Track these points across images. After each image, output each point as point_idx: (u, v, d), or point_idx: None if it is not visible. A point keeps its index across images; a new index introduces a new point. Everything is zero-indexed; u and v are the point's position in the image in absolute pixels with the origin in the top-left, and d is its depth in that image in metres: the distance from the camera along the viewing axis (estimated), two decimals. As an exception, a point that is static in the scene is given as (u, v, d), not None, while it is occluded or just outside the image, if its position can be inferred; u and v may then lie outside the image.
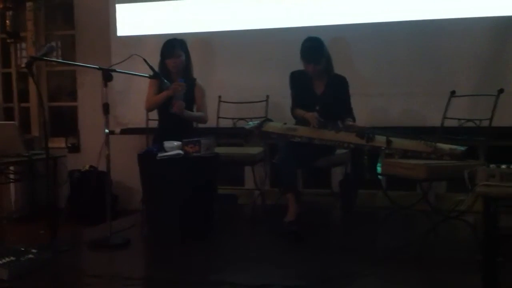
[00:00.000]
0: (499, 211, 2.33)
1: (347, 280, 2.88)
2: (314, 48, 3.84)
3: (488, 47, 4.27)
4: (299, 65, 3.95)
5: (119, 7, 5.15)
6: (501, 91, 3.78)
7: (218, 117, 4.71)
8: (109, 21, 5.18)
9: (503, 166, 2.39)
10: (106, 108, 3.55)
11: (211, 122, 4.61)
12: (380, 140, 3.66)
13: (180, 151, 3.69)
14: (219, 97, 4.72)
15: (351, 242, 3.57)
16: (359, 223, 4.04)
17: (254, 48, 4.79)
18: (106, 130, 3.59)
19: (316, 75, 3.90)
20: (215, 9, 4.91)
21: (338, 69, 3.98)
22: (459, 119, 3.89)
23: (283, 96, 4.32)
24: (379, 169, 3.81)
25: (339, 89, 3.94)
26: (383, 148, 3.63)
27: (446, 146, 3.50)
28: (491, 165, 2.42)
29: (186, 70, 4.16)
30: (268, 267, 3.08)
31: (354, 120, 3.89)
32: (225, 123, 4.72)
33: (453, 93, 3.89)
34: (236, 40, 4.84)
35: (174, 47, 4.09)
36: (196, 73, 4.27)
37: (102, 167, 3.73)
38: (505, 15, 4.20)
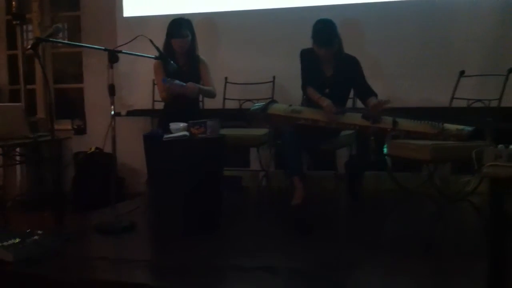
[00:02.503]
0: (506, 192, 2.29)
1: (353, 263, 2.88)
2: (327, 31, 3.78)
3: (497, 26, 4.21)
4: (306, 46, 3.91)
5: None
6: (510, 70, 3.73)
7: (225, 99, 4.68)
8: (115, 2, 5.15)
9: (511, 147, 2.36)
10: (111, 90, 3.55)
11: (217, 104, 4.60)
12: (386, 121, 3.62)
13: (186, 133, 3.68)
14: (225, 78, 4.68)
15: (357, 225, 3.56)
16: (364, 205, 4.02)
17: (260, 28, 4.74)
18: (112, 112, 3.58)
19: (326, 57, 3.86)
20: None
21: (345, 50, 3.93)
22: (468, 100, 3.84)
23: (289, 77, 4.29)
24: (385, 150, 3.78)
25: (350, 70, 3.89)
26: (389, 129, 3.60)
27: (452, 127, 3.47)
28: (499, 146, 2.38)
29: (191, 50, 4.14)
30: (273, 250, 3.09)
31: (376, 96, 3.83)
32: (231, 105, 4.69)
33: (462, 73, 3.84)
34: (242, 21, 4.79)
35: (180, 27, 4.07)
36: (202, 53, 4.24)
37: (107, 149, 3.73)
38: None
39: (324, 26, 3.78)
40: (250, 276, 2.68)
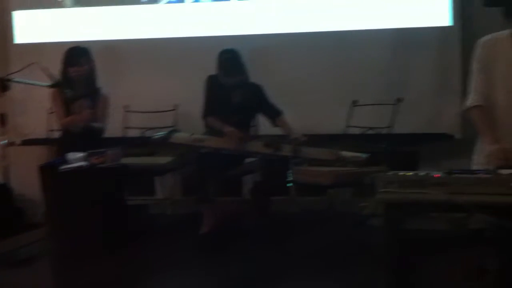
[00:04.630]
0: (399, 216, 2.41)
1: (264, 286, 2.91)
2: (234, 60, 3.88)
3: (388, 57, 4.42)
4: (208, 74, 3.95)
5: (18, 14, 4.90)
6: (399, 100, 3.94)
7: (125, 127, 4.59)
8: (6, 28, 4.93)
9: (401, 173, 2.48)
10: (3, 119, 3.40)
11: (117, 132, 4.50)
12: (287, 149, 3.72)
13: (85, 163, 3.58)
14: (126, 106, 4.59)
15: (267, 249, 3.60)
16: (273, 230, 4.07)
17: (162, 57, 4.71)
18: (4, 142, 3.43)
19: (233, 85, 3.91)
20: (120, 16, 4.80)
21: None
22: (361, 127, 4.03)
23: (192, 105, 4.29)
24: (289, 177, 3.89)
25: (256, 97, 3.99)
26: (290, 156, 3.70)
27: (348, 154, 3.63)
28: (390, 172, 2.50)
29: (90, 79, 4.04)
30: (182, 277, 3.07)
31: (282, 113, 3.98)
32: (133, 133, 4.61)
33: (354, 102, 4.02)
34: (144, 49, 4.73)
35: (77, 55, 3.99)
36: (102, 82, 4.14)
37: (0, 179, 3.55)
38: (405, 27, 4.38)
39: (230, 55, 3.88)
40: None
